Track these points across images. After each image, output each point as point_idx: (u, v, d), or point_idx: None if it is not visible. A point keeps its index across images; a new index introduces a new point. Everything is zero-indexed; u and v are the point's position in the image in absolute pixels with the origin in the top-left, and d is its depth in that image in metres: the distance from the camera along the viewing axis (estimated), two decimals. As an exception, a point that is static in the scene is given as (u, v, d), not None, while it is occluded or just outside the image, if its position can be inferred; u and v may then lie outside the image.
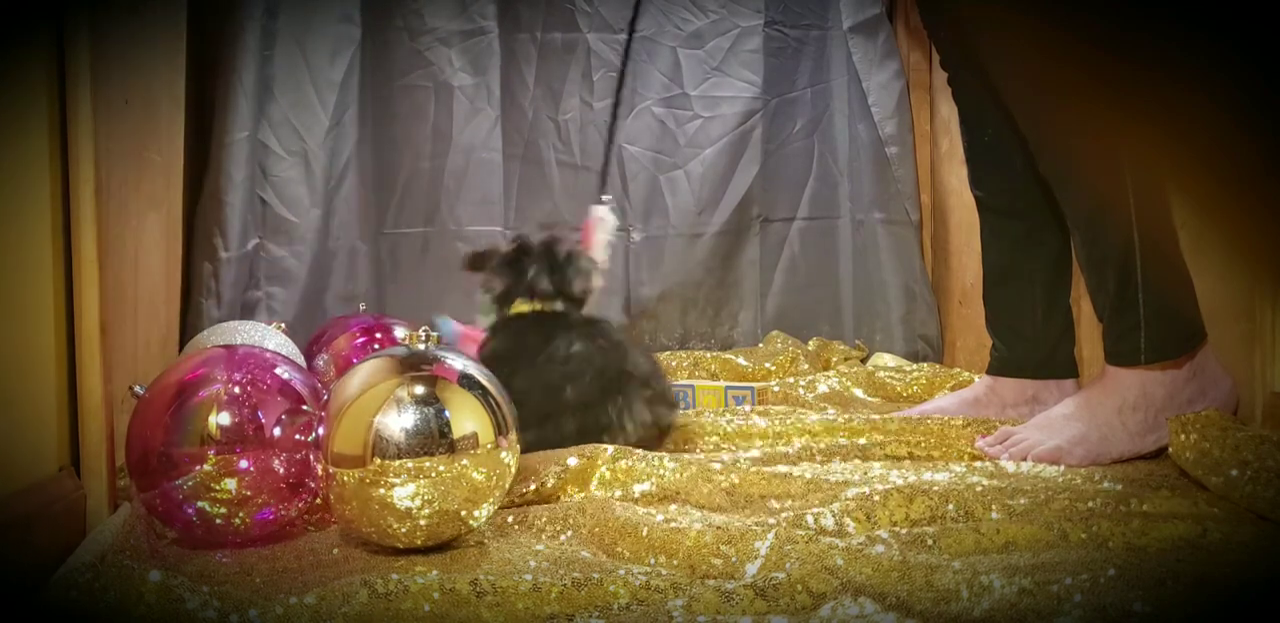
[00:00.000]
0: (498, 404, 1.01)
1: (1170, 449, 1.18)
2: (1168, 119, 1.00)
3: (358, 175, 2.02)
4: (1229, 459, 1.07)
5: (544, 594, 0.83)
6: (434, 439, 0.96)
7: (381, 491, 0.95)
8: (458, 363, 1.02)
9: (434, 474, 0.95)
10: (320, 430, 0.99)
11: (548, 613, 0.82)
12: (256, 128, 1.89)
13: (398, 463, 0.95)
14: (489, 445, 0.98)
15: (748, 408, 1.65)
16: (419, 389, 0.98)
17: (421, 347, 1.02)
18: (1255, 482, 1.02)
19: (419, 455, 0.95)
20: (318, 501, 1.05)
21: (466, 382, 1.00)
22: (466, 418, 0.98)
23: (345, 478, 0.96)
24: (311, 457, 1.00)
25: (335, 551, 1.00)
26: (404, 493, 0.95)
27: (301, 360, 1.53)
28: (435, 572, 0.88)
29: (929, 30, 1.56)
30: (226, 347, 1.11)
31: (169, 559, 0.97)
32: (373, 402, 0.97)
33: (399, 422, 0.96)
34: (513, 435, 1.02)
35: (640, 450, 1.21)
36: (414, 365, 1.00)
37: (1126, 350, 1.29)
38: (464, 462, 0.97)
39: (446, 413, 0.97)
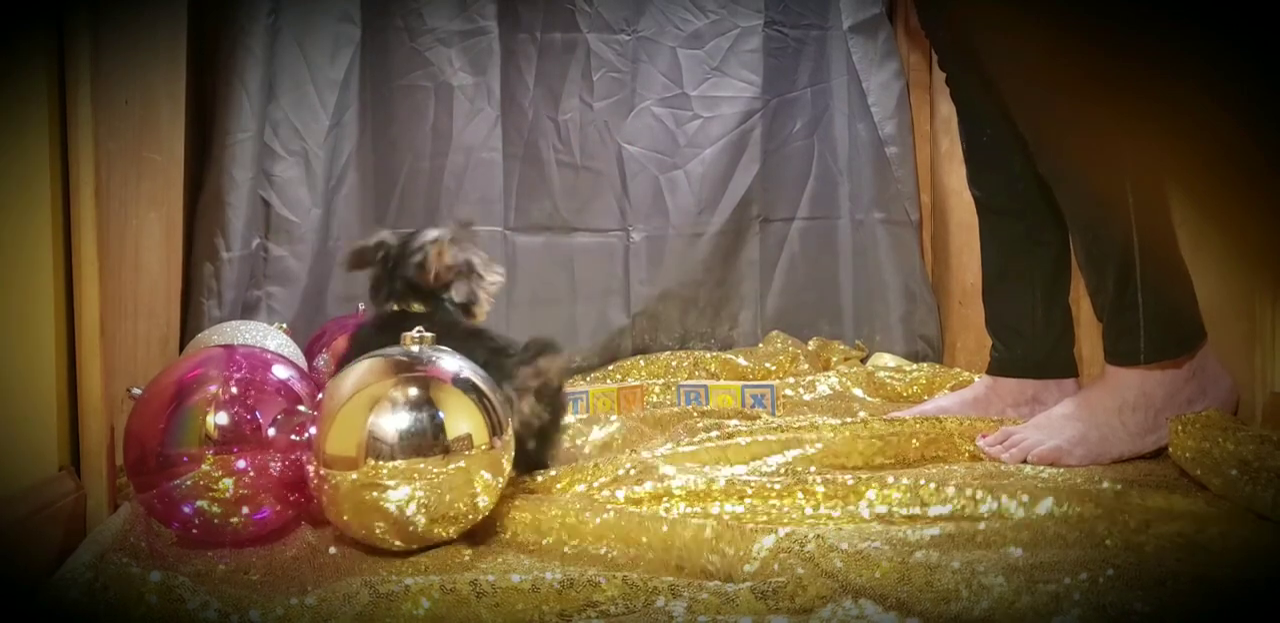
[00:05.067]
0: (492, 406, 1.00)
1: (1170, 449, 1.18)
2: (1167, 118, 1.00)
3: (358, 175, 2.02)
4: (1229, 459, 1.07)
5: (543, 595, 0.83)
6: (428, 441, 0.95)
7: (375, 493, 0.94)
8: (452, 364, 1.02)
9: (429, 476, 0.95)
10: (312, 430, 0.98)
11: (547, 613, 0.82)
12: (259, 128, 1.89)
13: (391, 465, 0.94)
14: (483, 447, 0.98)
15: (767, 407, 1.64)
16: (413, 391, 0.97)
17: (415, 348, 1.02)
18: (1255, 482, 1.02)
19: (413, 457, 0.95)
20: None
21: (461, 383, 1.00)
22: (461, 419, 0.97)
23: (338, 480, 0.96)
24: (304, 458, 1.00)
25: (333, 550, 1.00)
26: (398, 496, 0.94)
27: (303, 361, 1.53)
28: (435, 572, 0.88)
29: (927, 31, 1.56)
30: (224, 346, 1.11)
31: (169, 559, 0.97)
32: (366, 403, 0.96)
33: (393, 423, 0.95)
34: (507, 436, 1.01)
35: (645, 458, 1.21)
36: (408, 367, 0.99)
37: (1126, 350, 1.28)
38: (459, 463, 0.96)
39: (441, 415, 0.96)
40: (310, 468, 0.99)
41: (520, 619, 0.82)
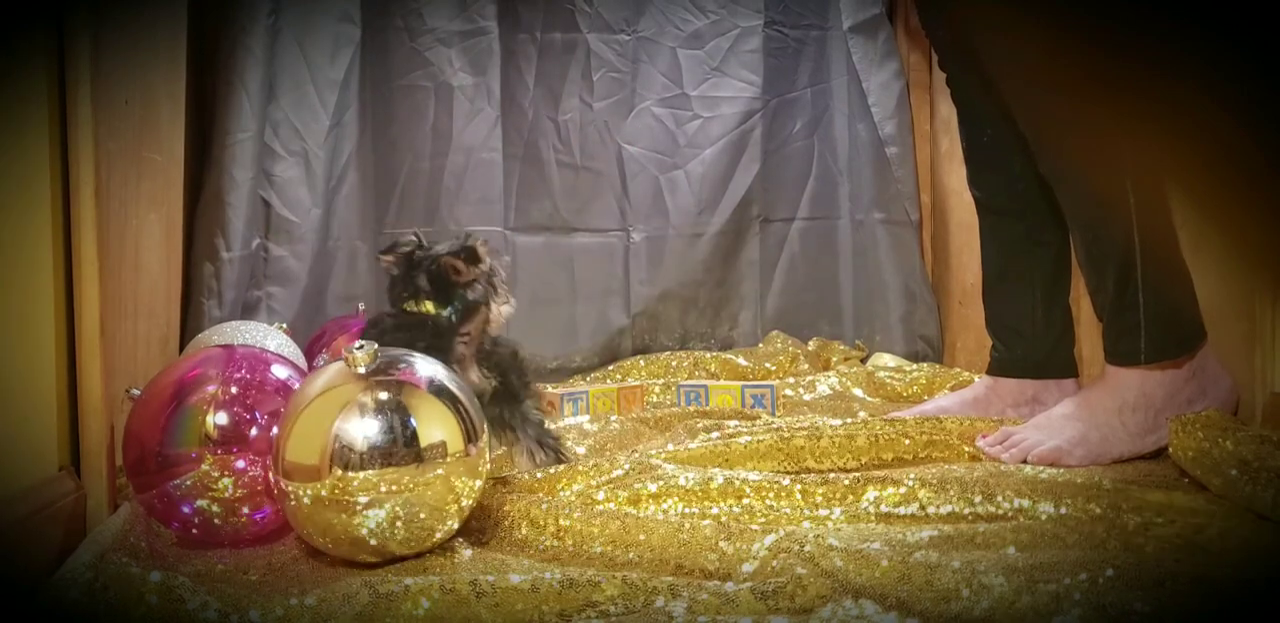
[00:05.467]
0: (467, 411, 0.97)
1: (1170, 449, 1.18)
2: (1167, 118, 1.00)
3: (358, 175, 2.02)
4: (1229, 459, 1.07)
5: (543, 595, 0.83)
6: (400, 449, 0.91)
7: (341, 504, 0.91)
8: (425, 368, 0.98)
9: (400, 487, 0.92)
10: (274, 432, 0.95)
11: (547, 613, 0.82)
12: (259, 128, 1.89)
13: (361, 475, 0.90)
14: (459, 454, 0.94)
15: (768, 407, 1.65)
16: (383, 395, 0.93)
17: (361, 368, 0.95)
18: (1255, 482, 1.02)
19: (383, 466, 0.91)
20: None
21: (434, 388, 0.96)
22: (435, 426, 0.93)
23: (300, 490, 0.92)
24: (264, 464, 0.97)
25: (335, 551, 1.00)
26: (366, 508, 0.91)
27: (303, 361, 1.53)
28: (435, 572, 0.88)
29: (927, 31, 1.56)
30: (224, 346, 1.11)
31: (169, 559, 0.97)
32: (332, 408, 0.92)
33: (361, 429, 0.91)
34: (483, 443, 0.98)
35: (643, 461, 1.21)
36: (379, 370, 0.95)
37: (1126, 350, 1.28)
38: (436, 472, 0.93)
39: (414, 421, 0.93)
40: (270, 476, 0.95)
41: (520, 619, 0.82)
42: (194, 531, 1.00)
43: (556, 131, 2.13)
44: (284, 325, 1.57)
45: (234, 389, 1.01)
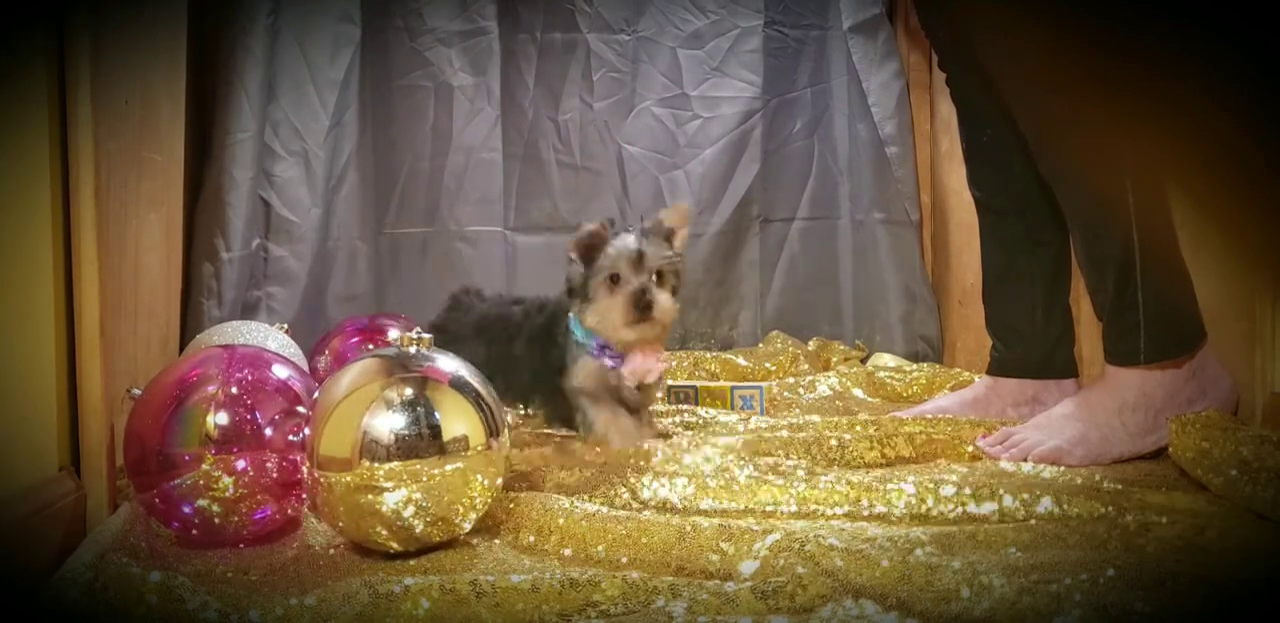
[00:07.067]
0: (489, 406, 0.99)
1: (1170, 449, 1.18)
2: (1167, 118, 1.00)
3: (358, 175, 2.02)
4: (1229, 459, 1.07)
5: (543, 595, 0.83)
6: (424, 442, 0.94)
7: (370, 495, 0.94)
8: (449, 364, 1.01)
9: (424, 478, 0.94)
10: (306, 431, 0.98)
11: (547, 613, 0.82)
12: (259, 128, 1.89)
13: (387, 466, 0.93)
14: (480, 448, 0.97)
15: (756, 409, 1.64)
16: (409, 391, 0.96)
17: (412, 349, 1.00)
18: (1255, 482, 1.02)
19: (408, 458, 0.93)
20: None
21: (457, 383, 0.99)
22: (457, 420, 0.96)
23: (332, 481, 0.95)
24: (299, 459, 1.00)
25: (332, 551, 1.00)
26: (393, 498, 0.94)
27: (303, 361, 1.53)
28: (435, 572, 0.88)
29: (927, 31, 1.56)
30: (224, 347, 1.11)
31: (169, 559, 0.97)
32: (361, 403, 0.95)
33: (388, 424, 0.94)
34: (504, 437, 1.00)
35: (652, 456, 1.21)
36: (404, 366, 0.98)
37: (1126, 350, 1.28)
38: (456, 465, 0.95)
39: (437, 415, 0.96)
40: (304, 469, 0.98)
41: (520, 619, 0.82)
42: (194, 531, 1.00)
43: (556, 131, 2.13)
44: (284, 325, 1.57)
45: (234, 389, 1.01)
